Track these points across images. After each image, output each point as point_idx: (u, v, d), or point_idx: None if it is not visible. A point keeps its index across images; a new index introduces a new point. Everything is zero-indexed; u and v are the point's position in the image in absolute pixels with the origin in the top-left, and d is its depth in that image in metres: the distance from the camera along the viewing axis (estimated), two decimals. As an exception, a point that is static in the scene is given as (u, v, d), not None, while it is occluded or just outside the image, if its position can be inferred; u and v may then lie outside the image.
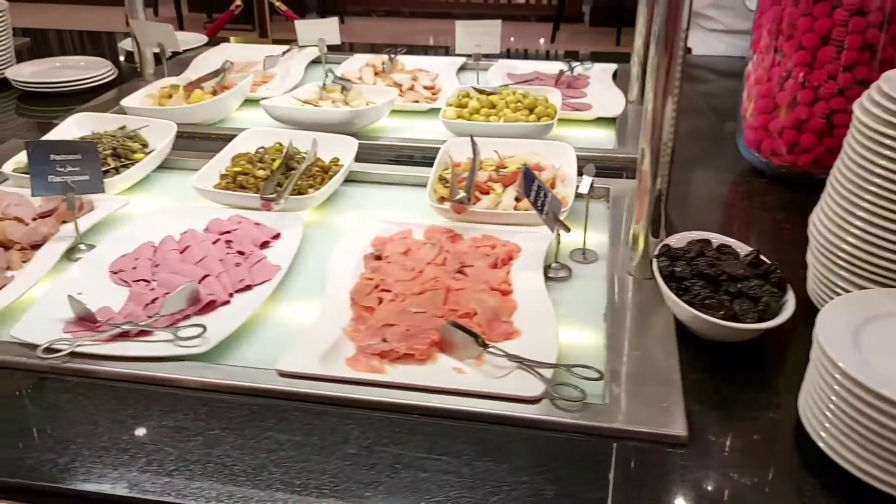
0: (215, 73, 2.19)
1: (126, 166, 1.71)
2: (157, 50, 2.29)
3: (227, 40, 2.98)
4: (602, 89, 2.32)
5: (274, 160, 1.68)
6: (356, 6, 9.02)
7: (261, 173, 1.64)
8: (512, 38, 8.46)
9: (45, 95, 2.31)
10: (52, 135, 1.84)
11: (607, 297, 1.31)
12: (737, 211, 1.72)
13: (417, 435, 1.03)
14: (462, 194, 1.48)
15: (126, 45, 2.78)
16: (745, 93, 1.81)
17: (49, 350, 1.16)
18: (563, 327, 1.22)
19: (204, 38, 2.87)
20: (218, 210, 1.59)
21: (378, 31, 9.01)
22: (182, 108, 2.01)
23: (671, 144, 1.27)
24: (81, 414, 1.07)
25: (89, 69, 2.39)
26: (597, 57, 2.59)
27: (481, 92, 2.08)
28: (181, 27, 8.33)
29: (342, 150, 1.76)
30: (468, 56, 2.24)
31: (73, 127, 1.88)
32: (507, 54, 2.82)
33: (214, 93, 2.12)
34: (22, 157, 1.75)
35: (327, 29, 2.29)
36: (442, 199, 1.57)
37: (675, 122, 1.26)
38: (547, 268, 1.39)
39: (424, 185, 1.63)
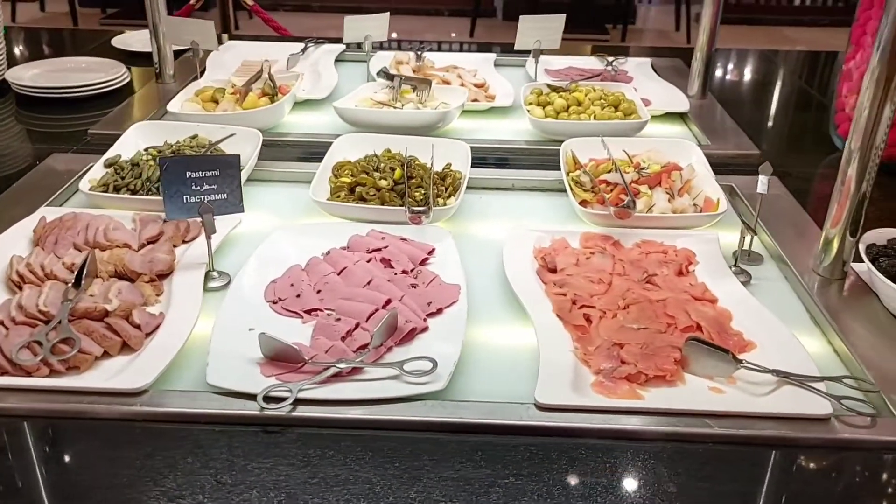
0: (258, 75, 2.00)
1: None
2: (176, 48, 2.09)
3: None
4: (651, 84, 2.28)
5: (393, 169, 1.54)
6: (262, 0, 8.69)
7: (383, 183, 1.50)
8: (427, 34, 8.39)
9: (47, 101, 2.06)
10: (116, 148, 1.64)
11: (818, 301, 1.26)
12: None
13: (708, 465, 0.95)
14: (627, 199, 1.40)
15: (121, 42, 2.53)
16: (843, 86, 1.81)
17: (268, 399, 1.00)
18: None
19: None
20: (340, 225, 1.45)
21: (287, 26, 8.71)
22: (240, 115, 1.83)
23: (882, 149, 1.23)
24: (346, 470, 0.92)
25: (97, 71, 2.16)
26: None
27: (554, 89, 1.99)
28: (75, 23, 7.82)
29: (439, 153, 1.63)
30: (527, 52, 2.14)
31: (136, 139, 1.68)
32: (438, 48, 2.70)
33: (266, 96, 1.94)
34: (95, 174, 1.55)
35: (375, 25, 2.14)
36: (584, 203, 1.48)
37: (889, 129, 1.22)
38: (728, 272, 1.34)
39: (533, 189, 1.61)
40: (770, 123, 2.15)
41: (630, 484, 0.92)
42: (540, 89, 1.99)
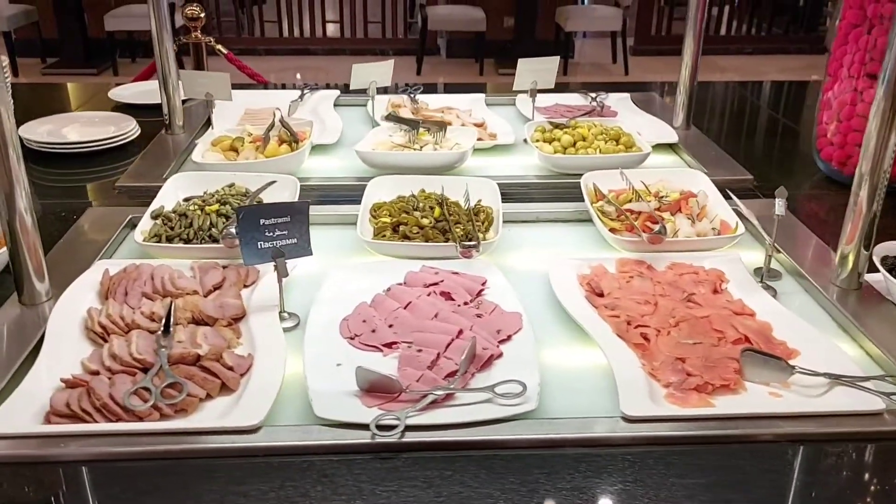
0: (272, 123, 2.08)
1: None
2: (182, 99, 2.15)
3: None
4: (635, 117, 2.43)
5: (432, 208, 1.63)
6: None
7: (425, 221, 1.59)
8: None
9: (58, 156, 2.10)
10: (159, 199, 1.68)
11: (843, 309, 1.39)
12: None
13: (777, 460, 1.07)
14: (659, 226, 1.52)
15: (118, 95, 2.57)
16: (822, 114, 1.97)
17: (379, 427, 1.07)
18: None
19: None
20: (390, 262, 1.54)
21: (234, 71, 8.73)
22: (267, 162, 1.91)
23: (889, 173, 1.37)
24: (467, 488, 1.00)
25: (107, 124, 2.20)
26: (500, 88, 2.65)
27: (556, 126, 2.12)
28: (16, 74, 7.71)
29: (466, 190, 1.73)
30: (526, 91, 2.27)
31: (176, 190, 1.73)
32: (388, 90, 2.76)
33: (284, 143, 2.01)
34: (145, 226, 1.59)
35: (381, 71, 2.24)
36: (613, 231, 1.60)
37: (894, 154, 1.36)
38: (756, 288, 1.46)
39: (556, 220, 1.75)
40: (753, 150, 2.31)
41: (722, 482, 1.02)
42: (543, 126, 2.11)
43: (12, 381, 1.18)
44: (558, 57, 2.25)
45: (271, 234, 1.33)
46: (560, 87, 2.54)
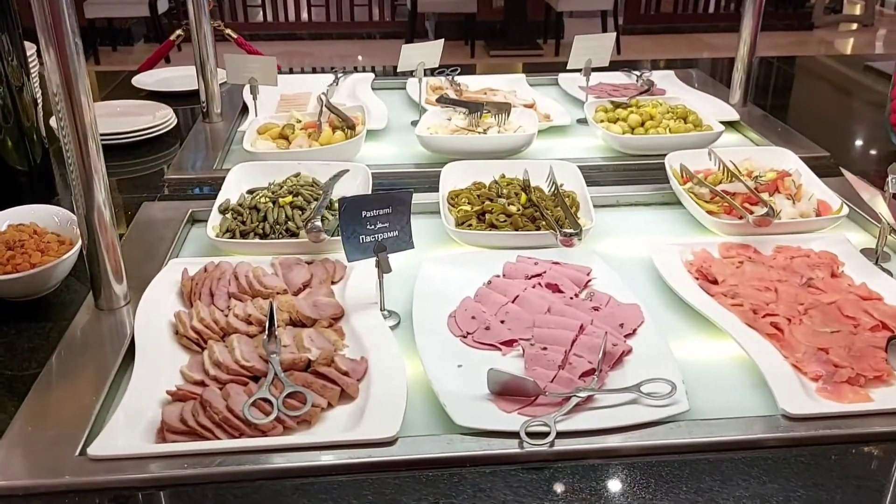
0: (321, 110, 1.97)
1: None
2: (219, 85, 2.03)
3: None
4: (686, 95, 2.34)
5: (518, 195, 1.54)
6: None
7: (512, 209, 1.50)
8: (360, 57, 8.37)
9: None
10: (224, 192, 1.57)
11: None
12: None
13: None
14: (767, 209, 1.43)
15: (142, 83, 2.44)
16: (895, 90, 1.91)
17: (529, 434, 0.99)
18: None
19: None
20: (482, 253, 1.44)
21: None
22: (327, 149, 1.81)
23: None
24: (639, 500, 0.92)
25: (142, 114, 2.08)
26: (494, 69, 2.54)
27: (618, 106, 2.03)
28: None
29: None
30: (578, 70, 2.17)
31: (238, 181, 1.62)
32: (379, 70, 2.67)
33: (337, 129, 1.91)
34: (214, 221, 1.49)
35: (430, 52, 2.13)
36: (711, 213, 1.52)
37: None
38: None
39: (636, 204, 1.67)
40: (816, 127, 2.23)
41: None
42: (604, 106, 2.03)
43: (108, 396, 1.08)
44: (614, 34, 2.16)
45: (373, 226, 1.23)
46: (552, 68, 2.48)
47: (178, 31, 3.48)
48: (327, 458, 0.97)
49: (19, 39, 1.57)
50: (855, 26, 9.38)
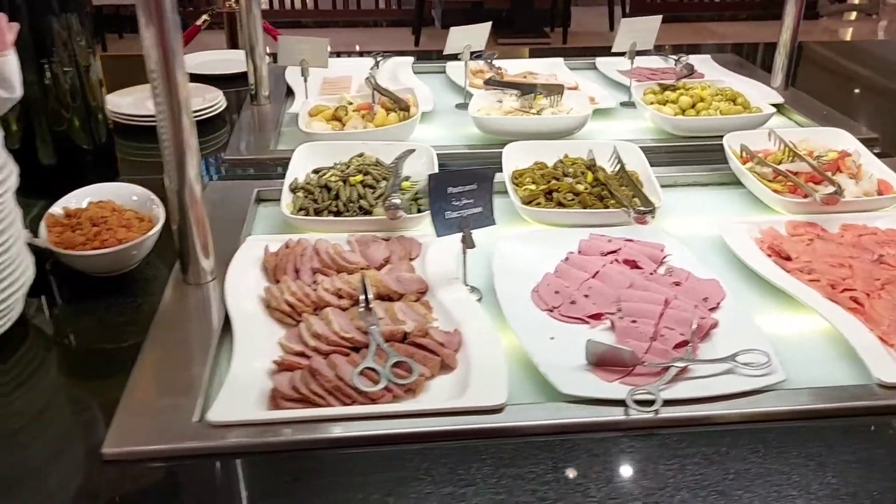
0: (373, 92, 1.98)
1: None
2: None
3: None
4: (727, 79, 2.36)
5: (584, 173, 1.56)
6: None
7: (580, 187, 1.52)
8: (371, 45, 8.36)
9: (138, 130, 1.98)
10: (291, 172, 1.59)
11: None
12: None
13: None
14: (835, 187, 1.46)
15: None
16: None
17: (636, 402, 1.01)
18: None
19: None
20: (554, 231, 1.47)
21: (269, 41, 8.49)
22: (385, 130, 1.82)
23: None
24: (752, 464, 0.94)
25: (193, 96, 2.08)
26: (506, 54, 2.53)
27: (665, 88, 2.05)
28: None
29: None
30: (622, 53, 2.19)
31: (304, 161, 1.64)
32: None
33: (389, 111, 1.93)
34: (286, 199, 1.50)
35: (477, 34, 2.14)
36: (776, 192, 1.54)
37: None
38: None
39: (694, 184, 1.69)
40: (860, 110, 2.26)
41: None
42: (653, 88, 2.04)
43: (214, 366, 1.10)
44: (660, 17, 2.17)
45: (458, 202, 1.25)
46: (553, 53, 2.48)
47: (205, 17, 3.48)
48: (443, 424, 0.98)
49: (87, 19, 1.57)
50: (855, 16, 9.41)
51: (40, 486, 0.91)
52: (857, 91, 2.55)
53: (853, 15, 9.43)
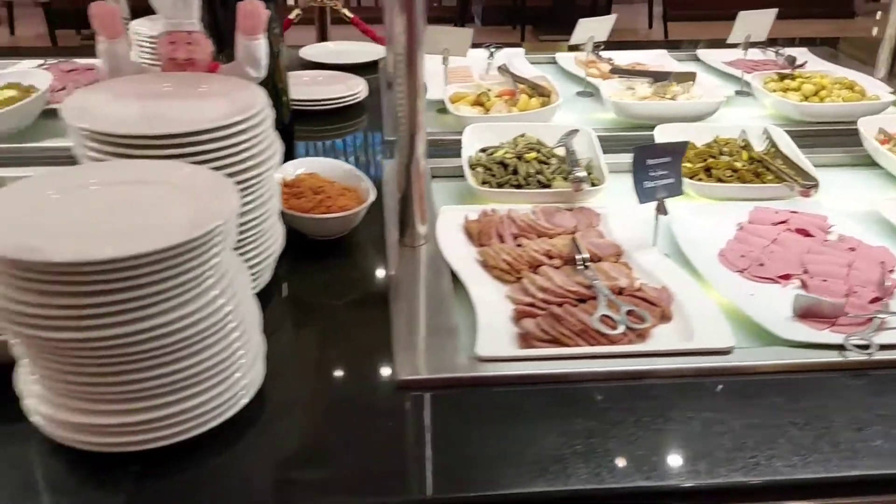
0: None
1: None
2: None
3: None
4: (829, 69, 2.47)
5: (739, 152, 1.69)
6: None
7: (738, 164, 1.64)
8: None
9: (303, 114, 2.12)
10: (465, 150, 1.72)
11: None
12: None
13: None
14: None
15: (309, 55, 2.58)
16: None
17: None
18: None
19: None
20: (719, 204, 1.59)
21: (357, 35, 8.63)
22: (522, 115, 1.95)
23: None
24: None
25: (335, 83, 2.23)
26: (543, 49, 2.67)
27: (783, 77, 2.17)
28: (54, 43, 7.63)
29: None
30: (738, 45, 2.32)
31: (472, 141, 1.77)
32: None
33: (528, 97, 2.05)
34: (468, 174, 1.63)
35: (601, 26, 2.28)
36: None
37: None
38: None
39: (831, 165, 1.78)
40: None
41: None
42: (771, 77, 2.17)
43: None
44: (776, 10, 2.29)
45: (654, 173, 1.38)
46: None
47: (297, 11, 3.61)
48: (680, 362, 1.11)
49: (275, 8, 1.71)
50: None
51: (348, 408, 1.05)
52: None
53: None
